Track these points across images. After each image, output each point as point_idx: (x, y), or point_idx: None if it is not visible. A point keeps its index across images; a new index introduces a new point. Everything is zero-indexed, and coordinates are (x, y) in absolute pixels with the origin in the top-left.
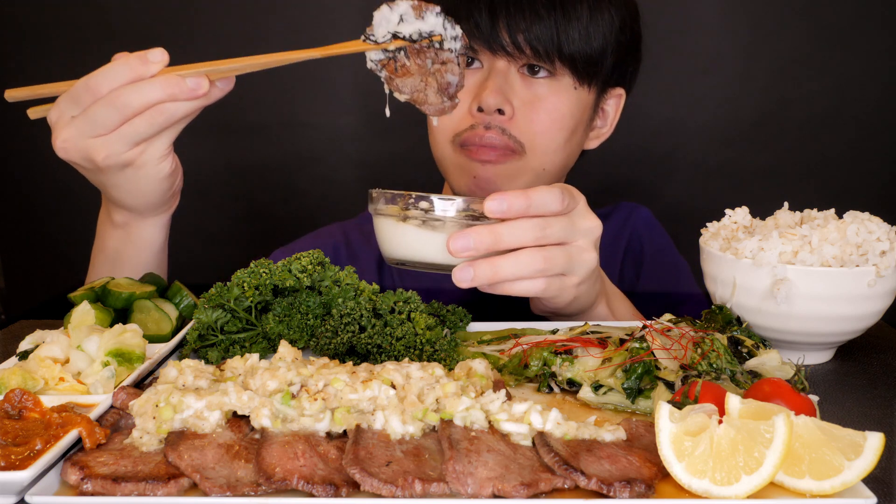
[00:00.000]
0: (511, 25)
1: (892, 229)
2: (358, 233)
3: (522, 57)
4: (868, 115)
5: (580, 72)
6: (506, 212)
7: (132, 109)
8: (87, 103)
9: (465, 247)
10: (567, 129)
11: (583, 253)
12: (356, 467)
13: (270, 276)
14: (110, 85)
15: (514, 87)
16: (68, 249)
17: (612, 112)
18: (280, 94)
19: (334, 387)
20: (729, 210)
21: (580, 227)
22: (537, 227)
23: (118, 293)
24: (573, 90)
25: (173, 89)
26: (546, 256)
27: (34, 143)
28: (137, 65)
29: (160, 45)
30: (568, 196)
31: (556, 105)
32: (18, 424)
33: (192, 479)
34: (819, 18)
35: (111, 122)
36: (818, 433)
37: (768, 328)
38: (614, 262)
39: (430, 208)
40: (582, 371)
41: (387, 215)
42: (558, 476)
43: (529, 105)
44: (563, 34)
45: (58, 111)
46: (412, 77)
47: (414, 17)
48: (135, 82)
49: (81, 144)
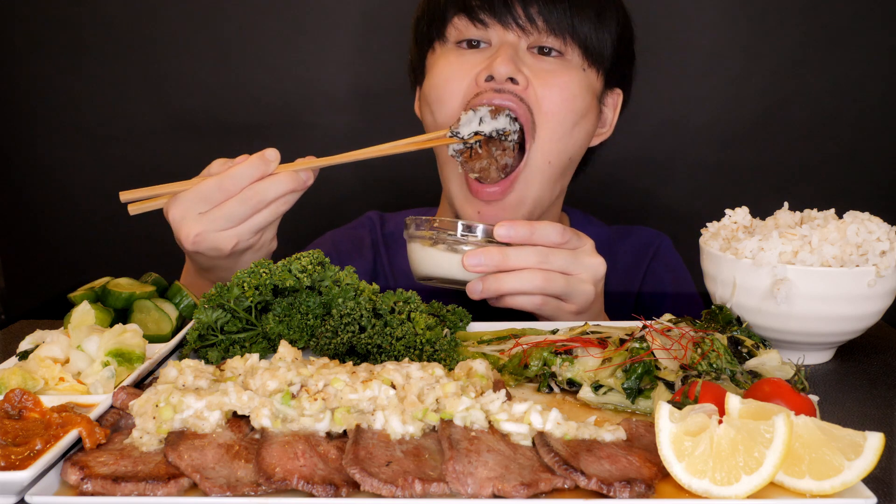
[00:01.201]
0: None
1: (892, 229)
2: (349, 242)
3: (534, 31)
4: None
5: (590, 52)
6: (512, 237)
7: (264, 203)
8: (219, 201)
9: (478, 263)
10: (577, 111)
11: (582, 284)
12: (356, 467)
13: (270, 276)
14: (240, 184)
15: (525, 60)
16: (68, 250)
17: (610, 113)
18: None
19: (334, 387)
20: (729, 210)
21: (583, 262)
22: (540, 252)
23: (118, 293)
24: (582, 71)
25: (295, 183)
26: (546, 277)
27: (34, 144)
28: (260, 164)
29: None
30: (571, 234)
31: (568, 83)
32: (18, 424)
33: (192, 479)
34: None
35: (243, 215)
36: (818, 433)
37: (768, 328)
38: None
39: (454, 235)
40: (582, 371)
41: (418, 239)
42: (558, 476)
43: (542, 78)
44: (576, 12)
45: (182, 209)
46: (481, 160)
47: (490, 118)
48: (262, 179)
49: (212, 237)
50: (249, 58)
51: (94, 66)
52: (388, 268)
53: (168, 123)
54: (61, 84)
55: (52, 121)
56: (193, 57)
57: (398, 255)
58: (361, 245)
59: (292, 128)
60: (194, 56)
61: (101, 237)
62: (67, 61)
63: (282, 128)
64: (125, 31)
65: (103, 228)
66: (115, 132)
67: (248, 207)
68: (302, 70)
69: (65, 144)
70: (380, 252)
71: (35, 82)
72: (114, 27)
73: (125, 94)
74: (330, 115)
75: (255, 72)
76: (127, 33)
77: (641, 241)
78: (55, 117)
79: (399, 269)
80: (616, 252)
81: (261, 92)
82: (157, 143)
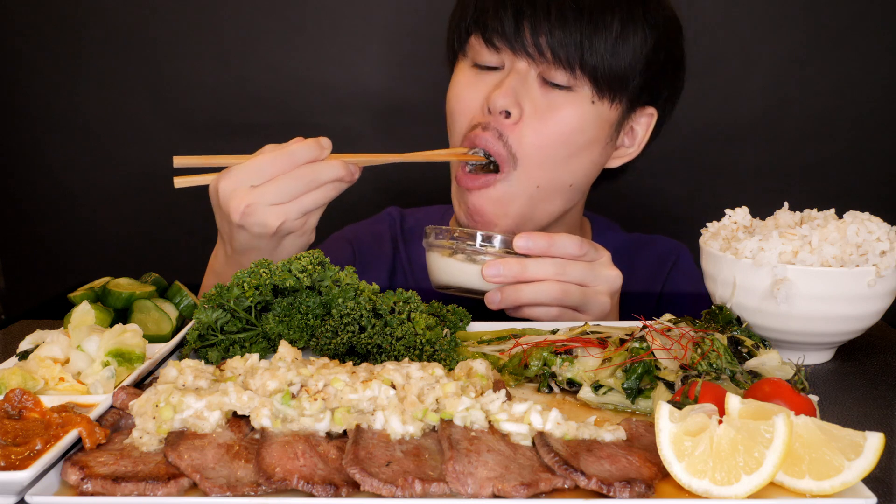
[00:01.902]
0: (535, 27)
1: (892, 229)
2: (369, 236)
3: (543, 61)
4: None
5: (600, 85)
6: (530, 248)
7: (317, 184)
8: (272, 175)
9: (497, 273)
10: (574, 144)
11: (598, 295)
12: (356, 467)
13: (270, 276)
14: (297, 161)
15: (530, 91)
16: (68, 250)
17: (641, 132)
18: (280, 94)
19: (334, 387)
20: (729, 210)
21: (600, 274)
22: (558, 264)
23: (118, 293)
24: (590, 104)
25: (344, 171)
26: (563, 289)
27: (34, 144)
28: (316, 148)
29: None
30: (589, 247)
31: (568, 118)
32: (18, 424)
33: (192, 479)
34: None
35: (296, 193)
36: (818, 433)
37: (768, 328)
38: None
39: (473, 245)
40: (582, 371)
41: (437, 249)
42: (558, 476)
43: (540, 114)
44: (587, 44)
45: (234, 181)
46: None
47: None
48: (316, 162)
49: (262, 210)
50: (249, 58)
51: (94, 66)
52: (407, 264)
53: (168, 123)
54: (61, 84)
55: (52, 121)
56: (193, 57)
57: (418, 252)
58: (381, 239)
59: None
60: (194, 56)
61: (101, 237)
62: (67, 61)
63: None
64: (125, 31)
65: (103, 228)
66: (115, 132)
67: (301, 185)
68: (302, 70)
69: (65, 144)
70: (398, 248)
71: (35, 82)
72: (114, 27)
73: (125, 94)
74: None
75: (255, 72)
76: (127, 33)
77: (661, 250)
78: (55, 117)
79: (417, 264)
80: (635, 261)
81: (261, 92)
82: (158, 143)
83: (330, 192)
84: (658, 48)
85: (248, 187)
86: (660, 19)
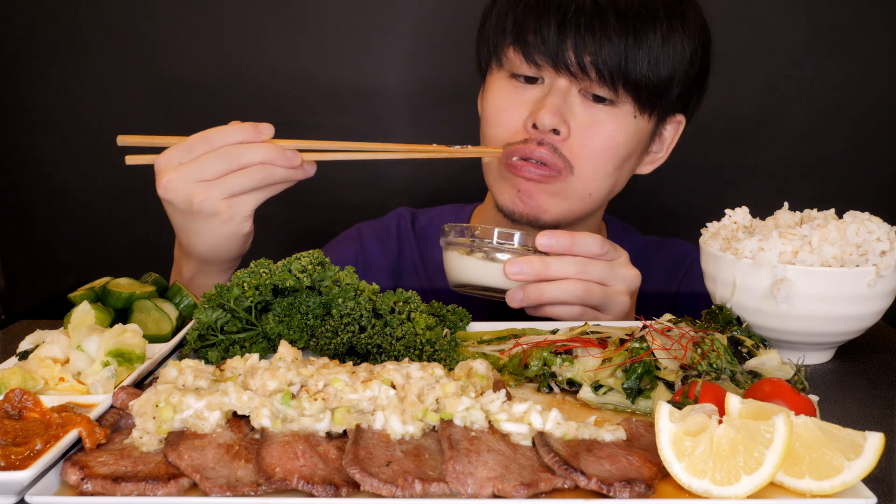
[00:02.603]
0: (578, 45)
1: (892, 229)
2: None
3: (585, 79)
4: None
5: (643, 101)
6: (553, 246)
7: (239, 163)
8: (199, 153)
9: (519, 271)
10: (619, 157)
11: (619, 295)
12: (356, 467)
13: (270, 276)
14: (224, 141)
15: (573, 108)
16: (68, 250)
17: (669, 137)
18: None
19: (334, 387)
20: (729, 210)
21: (620, 273)
22: (580, 263)
23: (118, 293)
24: (632, 119)
25: (275, 155)
26: (586, 288)
27: (34, 144)
28: (251, 130)
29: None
30: (609, 246)
31: (613, 133)
32: (18, 424)
33: (192, 479)
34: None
35: (217, 171)
36: (818, 433)
37: (768, 328)
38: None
39: (492, 242)
40: (582, 371)
41: (456, 247)
42: (558, 476)
43: (586, 129)
44: (631, 60)
45: (167, 158)
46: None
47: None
48: (246, 143)
49: (183, 186)
50: (250, 57)
51: (94, 66)
52: (420, 262)
53: (168, 123)
54: (61, 84)
55: (52, 121)
56: (194, 57)
57: (432, 250)
58: (387, 235)
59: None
60: (194, 56)
61: (101, 237)
62: (67, 61)
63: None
64: (125, 31)
65: (103, 228)
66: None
67: (223, 164)
68: (302, 70)
69: (65, 144)
70: (409, 245)
71: (35, 82)
72: (114, 27)
73: (125, 95)
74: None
75: (255, 71)
76: (127, 33)
77: (677, 252)
78: (55, 117)
79: (431, 261)
80: (651, 263)
81: (261, 91)
82: None
83: (257, 175)
84: (693, 59)
85: (176, 163)
86: (697, 30)
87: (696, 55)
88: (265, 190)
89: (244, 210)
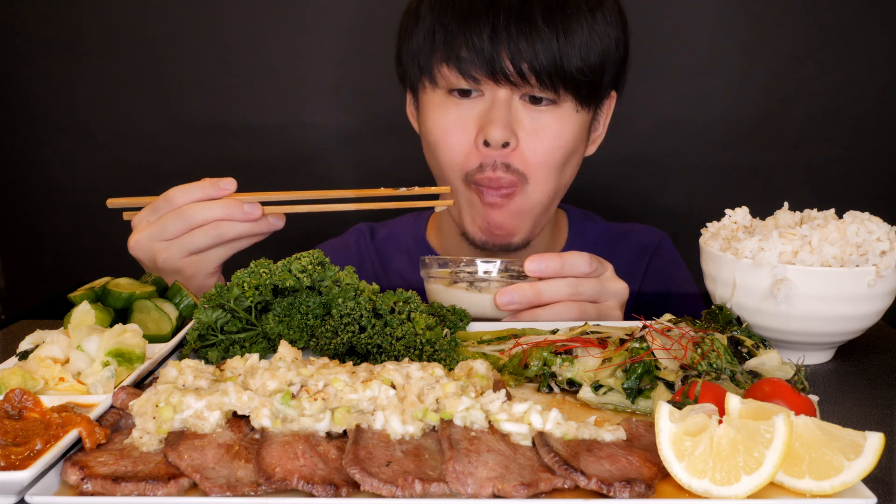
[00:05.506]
0: (514, 52)
1: (892, 229)
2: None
3: (526, 85)
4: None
5: (582, 96)
6: (543, 271)
7: (195, 222)
8: (163, 212)
9: (511, 301)
10: (566, 151)
11: (611, 311)
12: (356, 467)
13: (270, 276)
14: (185, 200)
15: (518, 117)
16: (68, 250)
17: (605, 114)
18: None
19: (334, 387)
20: (729, 210)
21: (610, 289)
22: (571, 284)
23: (118, 293)
24: (575, 114)
25: (231, 210)
26: (580, 308)
27: (34, 144)
28: (209, 187)
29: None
30: (597, 262)
31: (560, 133)
32: (18, 424)
33: (192, 479)
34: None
35: (176, 231)
36: (818, 433)
37: (768, 328)
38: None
39: (475, 272)
40: (582, 371)
41: (438, 280)
42: (558, 476)
43: (533, 135)
44: (565, 57)
45: (140, 217)
46: None
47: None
48: (203, 201)
49: (148, 245)
50: (249, 58)
51: (94, 67)
52: (383, 273)
53: (168, 123)
54: (61, 84)
55: (52, 121)
56: (194, 57)
57: (392, 260)
58: (345, 251)
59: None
60: (194, 56)
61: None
62: (67, 61)
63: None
64: (125, 32)
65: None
66: (115, 132)
67: (181, 223)
68: (302, 70)
69: (65, 145)
70: (370, 259)
71: (35, 82)
72: (114, 27)
73: (125, 95)
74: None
75: (255, 72)
76: (127, 34)
77: (642, 238)
78: (55, 117)
79: (393, 270)
80: (616, 250)
81: (261, 92)
82: (158, 143)
83: (212, 233)
84: (619, 44)
85: (146, 223)
86: (616, 15)
87: (619, 40)
88: (227, 246)
89: (207, 267)
